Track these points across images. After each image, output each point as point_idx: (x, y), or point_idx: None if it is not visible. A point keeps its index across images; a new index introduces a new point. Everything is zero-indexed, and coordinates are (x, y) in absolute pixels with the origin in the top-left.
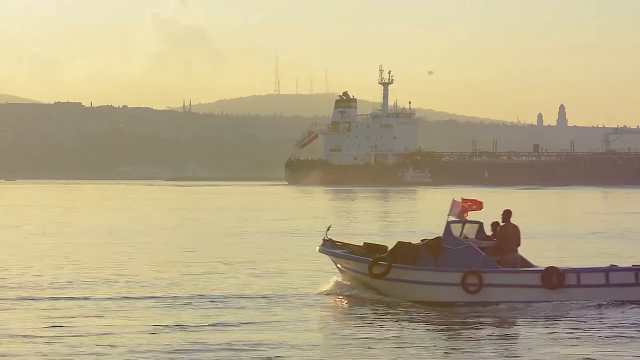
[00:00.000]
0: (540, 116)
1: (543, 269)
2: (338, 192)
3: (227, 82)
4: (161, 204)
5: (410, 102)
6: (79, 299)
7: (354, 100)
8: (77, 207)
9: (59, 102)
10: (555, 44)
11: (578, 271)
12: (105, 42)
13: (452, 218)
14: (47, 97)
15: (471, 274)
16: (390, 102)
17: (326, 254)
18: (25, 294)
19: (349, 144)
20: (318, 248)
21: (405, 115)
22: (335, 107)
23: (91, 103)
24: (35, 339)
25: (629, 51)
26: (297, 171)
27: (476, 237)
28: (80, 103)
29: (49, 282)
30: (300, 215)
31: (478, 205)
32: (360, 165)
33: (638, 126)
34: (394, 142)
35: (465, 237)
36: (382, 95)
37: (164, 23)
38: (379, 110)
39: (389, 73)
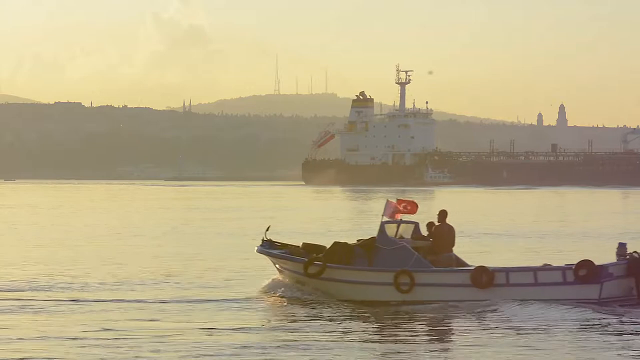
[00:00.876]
0: (540, 116)
1: (473, 268)
2: (356, 192)
3: (227, 82)
4: (193, 204)
5: (427, 102)
6: (128, 301)
7: (371, 100)
8: (99, 208)
9: (59, 102)
10: (555, 44)
11: (507, 270)
12: (106, 42)
13: (386, 218)
14: (47, 97)
15: (403, 273)
16: (404, 103)
17: (264, 254)
18: (76, 296)
19: (366, 144)
20: (256, 248)
21: (422, 115)
22: (352, 107)
23: (91, 103)
24: (88, 342)
25: (630, 51)
26: (313, 171)
27: (412, 237)
28: (80, 103)
29: (97, 283)
30: (319, 216)
31: (413, 208)
32: (377, 165)
33: None
34: (412, 142)
35: (401, 237)
36: (399, 95)
37: (165, 23)
38: (396, 110)
39: (406, 73)
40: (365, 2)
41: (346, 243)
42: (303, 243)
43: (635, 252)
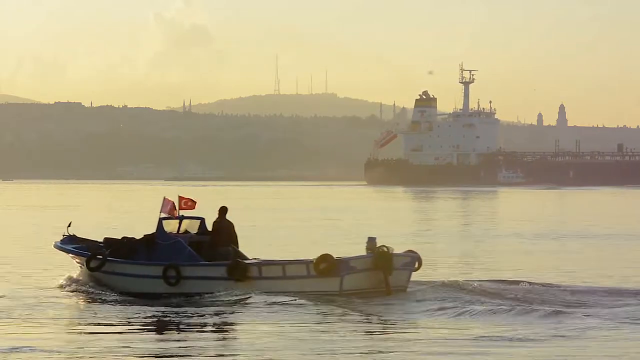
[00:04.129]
0: (540, 116)
1: (229, 262)
2: (419, 193)
3: (227, 82)
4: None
5: (490, 102)
6: None
7: (434, 99)
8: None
9: (59, 102)
10: (555, 44)
11: (259, 264)
12: (108, 42)
13: (163, 215)
14: (47, 97)
15: (170, 267)
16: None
17: (59, 249)
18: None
19: (430, 144)
20: (54, 244)
21: (486, 115)
22: (415, 106)
23: (91, 103)
24: None
25: (630, 51)
26: (376, 171)
27: (198, 232)
28: (81, 103)
29: None
30: (377, 217)
31: (192, 204)
32: (442, 165)
33: None
34: (477, 142)
35: (186, 232)
36: (462, 94)
37: (167, 23)
38: (460, 109)
39: (470, 72)
40: (365, 2)
41: (132, 238)
42: (104, 238)
43: (383, 246)
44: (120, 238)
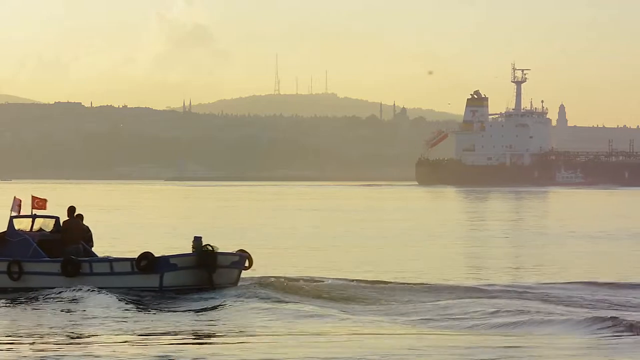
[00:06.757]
0: None
1: (63, 259)
2: (471, 193)
3: (227, 82)
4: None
5: (542, 101)
6: None
7: (486, 99)
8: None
9: (59, 102)
10: (556, 45)
11: (90, 261)
12: (109, 42)
13: (14, 214)
14: (47, 97)
15: (14, 263)
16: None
17: None
18: None
19: (482, 144)
20: None
21: (539, 115)
22: (467, 105)
23: (91, 103)
24: None
25: (630, 51)
26: (427, 171)
27: (52, 230)
28: (80, 103)
29: None
30: (427, 217)
31: (43, 204)
32: (495, 166)
33: None
34: (530, 142)
35: (41, 230)
36: (514, 93)
37: (168, 23)
38: (512, 109)
39: (522, 72)
40: (366, 2)
41: None
42: None
43: (208, 245)
44: None
